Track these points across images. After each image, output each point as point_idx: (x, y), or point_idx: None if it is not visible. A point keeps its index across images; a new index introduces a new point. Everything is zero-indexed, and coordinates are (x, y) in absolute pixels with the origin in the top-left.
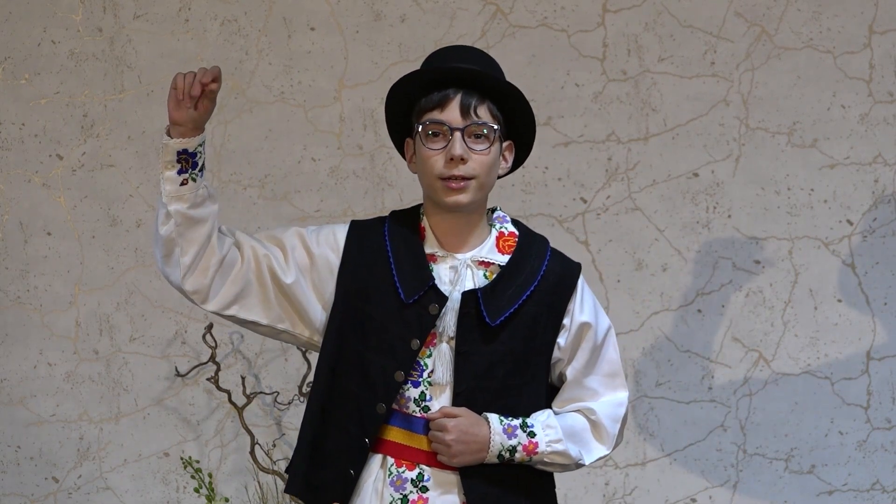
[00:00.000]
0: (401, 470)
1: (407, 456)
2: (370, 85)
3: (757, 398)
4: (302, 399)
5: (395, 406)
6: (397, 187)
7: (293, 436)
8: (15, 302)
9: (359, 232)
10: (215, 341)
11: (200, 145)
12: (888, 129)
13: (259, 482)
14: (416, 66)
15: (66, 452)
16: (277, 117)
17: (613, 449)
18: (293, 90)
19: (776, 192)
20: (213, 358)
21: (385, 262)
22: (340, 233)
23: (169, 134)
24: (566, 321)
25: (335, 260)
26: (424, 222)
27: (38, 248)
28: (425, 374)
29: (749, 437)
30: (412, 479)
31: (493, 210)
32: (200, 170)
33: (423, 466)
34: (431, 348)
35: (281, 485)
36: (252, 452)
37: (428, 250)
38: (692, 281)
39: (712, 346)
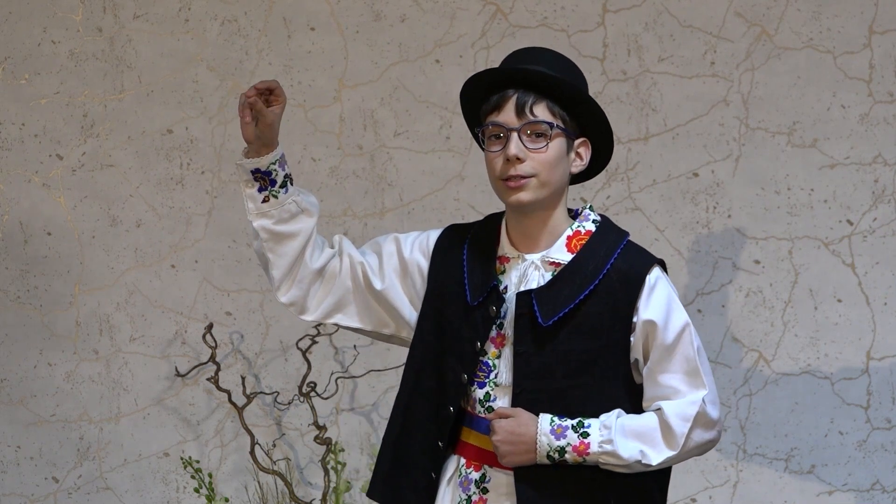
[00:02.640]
0: (468, 471)
1: (475, 457)
2: (370, 85)
3: (757, 398)
4: (301, 399)
5: (468, 408)
6: (397, 187)
7: (293, 436)
8: (15, 302)
9: (449, 236)
10: (215, 341)
11: (274, 163)
12: (888, 129)
13: (259, 482)
14: (417, 66)
15: (66, 452)
16: None
17: (696, 449)
18: (293, 90)
19: (776, 192)
20: (213, 358)
21: (460, 266)
22: (433, 237)
23: (246, 154)
24: (635, 319)
25: (425, 264)
26: (503, 224)
27: (38, 248)
28: (492, 376)
29: (749, 437)
30: (476, 480)
31: (584, 209)
32: (282, 186)
33: (487, 467)
34: (501, 350)
35: (281, 485)
36: (252, 452)
37: (501, 252)
38: (692, 281)
39: (712, 346)
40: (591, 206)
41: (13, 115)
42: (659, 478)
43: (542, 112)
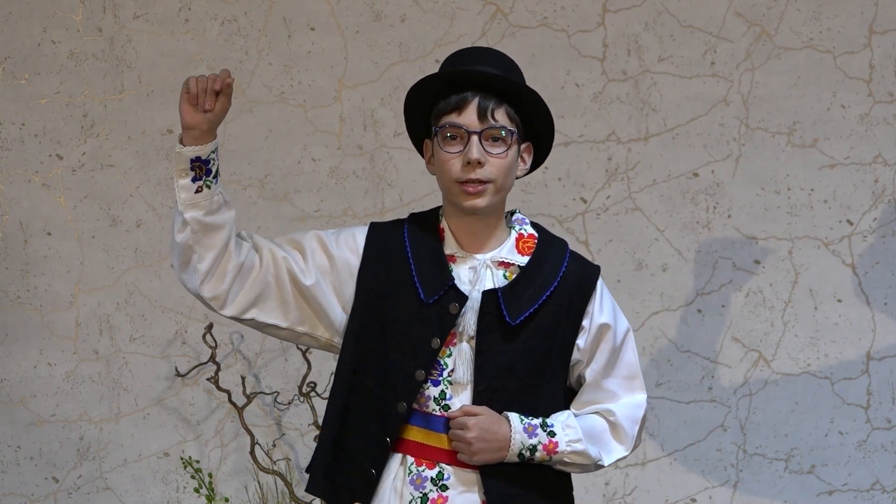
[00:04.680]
0: (421, 469)
1: (427, 455)
2: (370, 85)
3: (757, 398)
4: (301, 399)
5: (414, 405)
6: (397, 187)
7: (293, 436)
8: (15, 302)
9: (379, 233)
10: (215, 341)
11: (213, 152)
12: (888, 129)
13: (259, 482)
14: (417, 66)
15: (66, 452)
16: (277, 117)
17: (633, 450)
18: (293, 90)
19: (776, 192)
20: (213, 358)
21: (405, 263)
22: (360, 235)
23: (182, 142)
24: (585, 323)
25: (355, 262)
26: (443, 224)
27: (38, 248)
28: (445, 374)
29: (749, 437)
30: (432, 478)
31: (513, 212)
32: (215, 176)
33: (444, 465)
34: (452, 348)
35: (281, 485)
36: (252, 452)
37: (447, 251)
38: (692, 281)
39: (712, 346)
40: (519, 210)
41: (13, 115)
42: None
43: (502, 117)
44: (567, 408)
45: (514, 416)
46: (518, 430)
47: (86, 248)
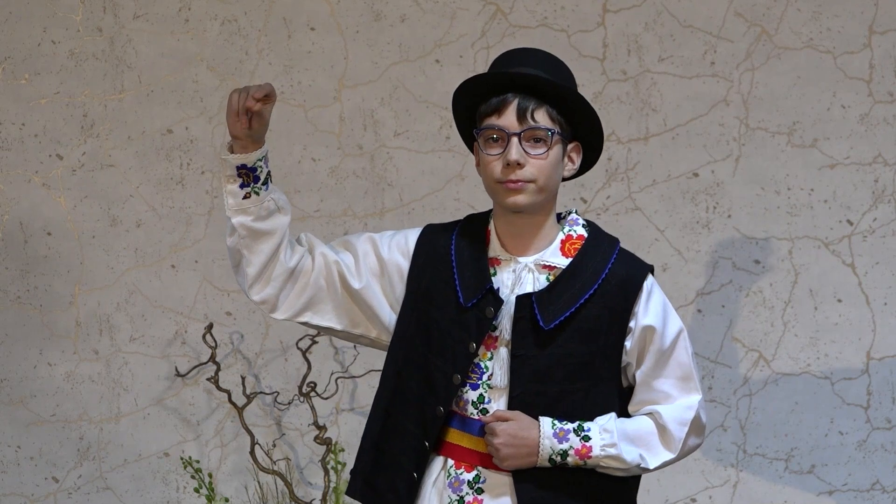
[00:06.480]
0: (459, 472)
1: (465, 458)
2: (370, 85)
3: (757, 398)
4: (301, 399)
5: (454, 409)
6: (397, 187)
7: (293, 436)
8: (15, 302)
9: (430, 236)
10: (215, 341)
11: (260, 160)
12: (888, 129)
13: (259, 482)
14: (417, 66)
15: (66, 452)
16: (277, 117)
17: (688, 453)
18: (293, 90)
19: (776, 192)
20: (213, 358)
21: (448, 266)
22: (412, 237)
23: (231, 149)
24: (632, 324)
25: (405, 264)
26: (491, 226)
27: (38, 248)
28: (485, 377)
29: (749, 437)
30: (469, 481)
31: (569, 213)
32: (264, 183)
33: (480, 468)
34: (493, 351)
35: (281, 485)
36: (252, 452)
37: (492, 254)
38: (692, 281)
39: (712, 346)
40: (576, 211)
41: (13, 115)
42: (637, 480)
43: (542, 118)
44: (624, 408)
45: (545, 422)
46: (547, 436)
47: (86, 248)
